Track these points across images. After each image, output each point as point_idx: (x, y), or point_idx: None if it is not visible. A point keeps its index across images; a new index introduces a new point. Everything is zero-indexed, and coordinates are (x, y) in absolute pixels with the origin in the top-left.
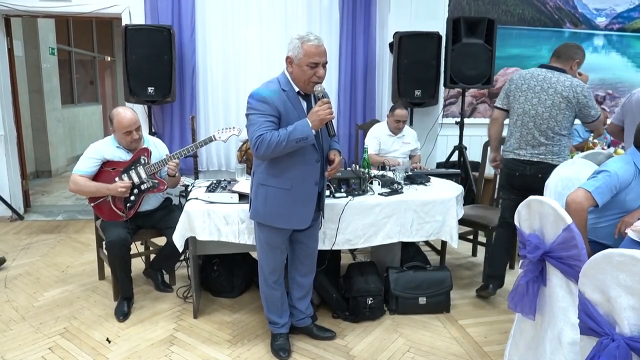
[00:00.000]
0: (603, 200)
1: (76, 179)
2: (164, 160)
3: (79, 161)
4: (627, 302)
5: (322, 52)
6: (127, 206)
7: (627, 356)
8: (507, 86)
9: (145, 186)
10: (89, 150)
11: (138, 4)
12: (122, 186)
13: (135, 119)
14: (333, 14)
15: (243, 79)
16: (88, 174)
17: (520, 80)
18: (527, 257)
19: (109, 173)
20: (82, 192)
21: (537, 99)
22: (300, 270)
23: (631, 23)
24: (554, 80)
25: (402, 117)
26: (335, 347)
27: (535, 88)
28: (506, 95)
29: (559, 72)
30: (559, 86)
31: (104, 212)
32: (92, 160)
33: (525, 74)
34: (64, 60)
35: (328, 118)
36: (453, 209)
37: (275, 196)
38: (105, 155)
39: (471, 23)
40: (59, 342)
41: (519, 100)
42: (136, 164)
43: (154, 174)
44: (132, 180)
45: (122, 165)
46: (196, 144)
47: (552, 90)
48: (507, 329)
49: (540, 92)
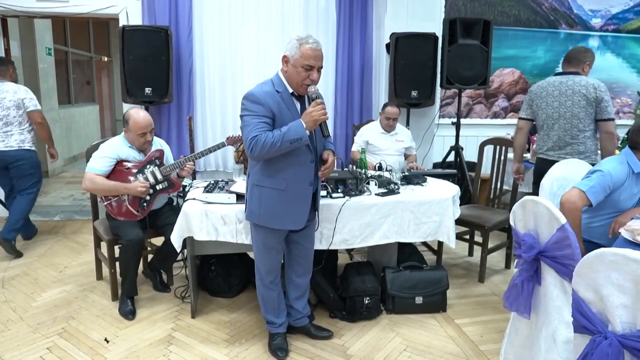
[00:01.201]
0: (597, 200)
1: (93, 178)
2: (180, 162)
3: (93, 159)
4: (619, 300)
5: (318, 56)
6: (142, 205)
7: (619, 353)
8: (527, 97)
9: (160, 186)
10: (103, 149)
11: (135, 5)
12: (142, 185)
13: (151, 121)
14: (330, 14)
15: (240, 79)
16: (103, 173)
17: (539, 89)
18: (522, 256)
19: (122, 172)
20: (98, 190)
21: (557, 102)
22: (297, 271)
23: (626, 24)
24: (570, 82)
25: (392, 114)
26: (333, 346)
27: (554, 93)
28: (528, 106)
29: (574, 75)
30: (576, 87)
31: (119, 210)
32: (107, 159)
33: (543, 83)
34: (60, 61)
35: (322, 119)
36: (450, 209)
37: (270, 197)
38: (120, 154)
39: (467, 24)
40: (57, 342)
41: (541, 107)
42: (151, 164)
43: (169, 175)
44: (149, 180)
45: (135, 165)
46: (209, 148)
47: (571, 92)
48: (503, 328)
49: (559, 95)
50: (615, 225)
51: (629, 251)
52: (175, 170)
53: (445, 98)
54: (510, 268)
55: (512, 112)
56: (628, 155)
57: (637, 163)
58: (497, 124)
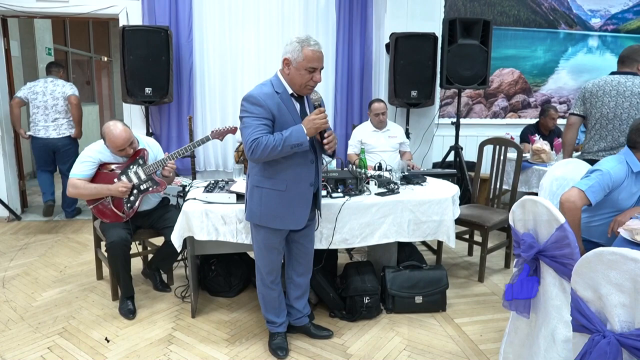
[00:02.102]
0: (596, 199)
1: (75, 182)
2: (162, 161)
3: (75, 165)
4: (617, 299)
5: (320, 58)
6: (127, 206)
7: (617, 352)
8: (581, 94)
9: (144, 186)
10: (83, 154)
11: (135, 5)
12: (123, 186)
13: (128, 136)
14: (329, 15)
15: (240, 79)
16: (86, 177)
17: (594, 87)
18: (521, 255)
19: (107, 174)
20: (82, 194)
21: (614, 102)
22: (297, 270)
23: (625, 24)
24: (628, 84)
25: (379, 109)
26: (333, 345)
27: (611, 92)
28: (582, 103)
29: (632, 76)
30: (635, 88)
31: (105, 213)
32: (88, 163)
33: (599, 82)
34: (60, 61)
35: (323, 127)
36: (449, 209)
37: (271, 198)
38: (101, 157)
39: (467, 24)
40: (57, 341)
41: (596, 105)
42: (134, 164)
43: (152, 174)
44: (132, 181)
45: (119, 166)
46: (193, 143)
47: (629, 93)
48: (502, 327)
49: (616, 95)
50: (614, 225)
51: (628, 250)
52: (158, 169)
53: (445, 98)
54: (509, 267)
55: (512, 112)
56: (627, 154)
57: (636, 162)
58: (497, 123)
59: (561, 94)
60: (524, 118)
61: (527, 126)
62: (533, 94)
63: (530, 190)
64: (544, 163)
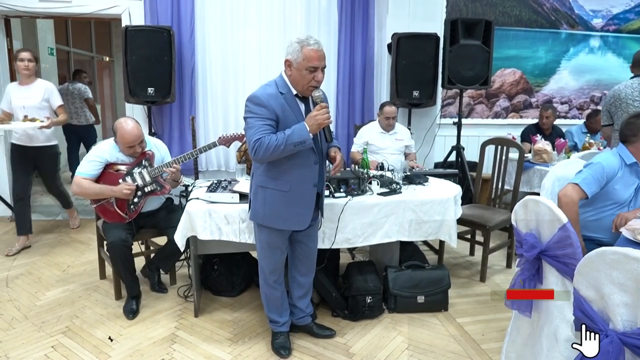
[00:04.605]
0: (591, 191)
1: (80, 182)
2: (168, 164)
3: (82, 163)
4: (620, 298)
5: (321, 57)
6: (130, 208)
7: (620, 351)
8: (604, 106)
9: (149, 188)
10: (91, 152)
11: (138, 5)
12: (127, 188)
13: (139, 134)
14: (331, 15)
15: (242, 79)
16: (91, 176)
17: (615, 93)
18: (523, 255)
19: (112, 175)
20: (86, 194)
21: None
22: (300, 270)
23: (627, 24)
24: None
25: (391, 113)
26: (335, 345)
27: (634, 94)
28: (607, 111)
29: None
30: None
31: (107, 213)
32: (95, 163)
33: (620, 87)
34: (62, 61)
35: (326, 123)
36: (451, 209)
37: (274, 198)
38: (108, 157)
39: (469, 24)
40: (61, 340)
41: (618, 110)
42: (139, 166)
43: (157, 177)
44: (136, 182)
45: (125, 167)
46: (199, 149)
47: None
48: (505, 327)
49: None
50: (619, 220)
51: (630, 250)
52: (163, 172)
53: (447, 98)
54: (511, 267)
55: (513, 112)
56: (620, 149)
57: (629, 155)
58: (498, 124)
59: (563, 94)
60: (525, 118)
61: (528, 126)
62: (535, 94)
63: (532, 190)
64: (545, 163)
